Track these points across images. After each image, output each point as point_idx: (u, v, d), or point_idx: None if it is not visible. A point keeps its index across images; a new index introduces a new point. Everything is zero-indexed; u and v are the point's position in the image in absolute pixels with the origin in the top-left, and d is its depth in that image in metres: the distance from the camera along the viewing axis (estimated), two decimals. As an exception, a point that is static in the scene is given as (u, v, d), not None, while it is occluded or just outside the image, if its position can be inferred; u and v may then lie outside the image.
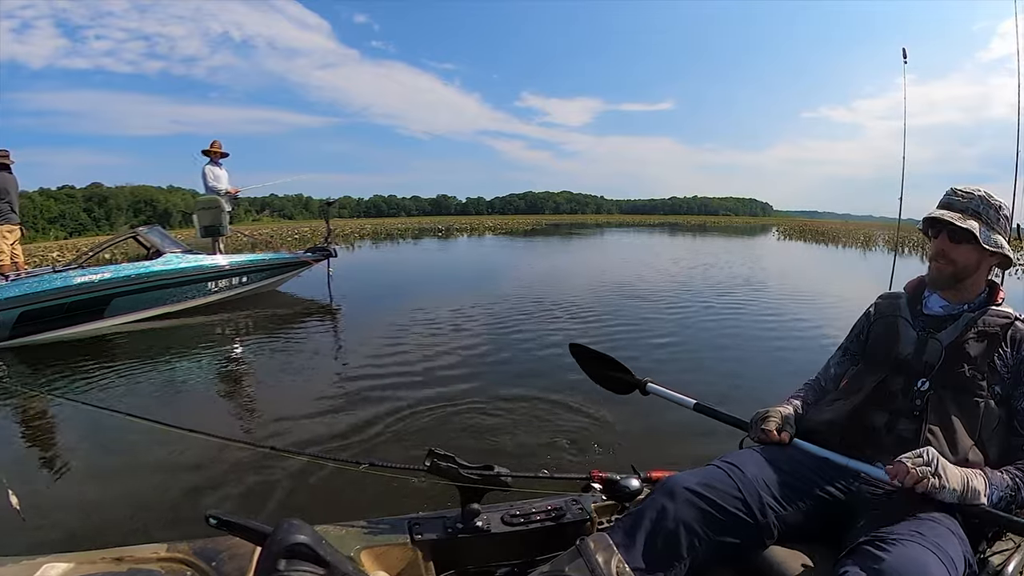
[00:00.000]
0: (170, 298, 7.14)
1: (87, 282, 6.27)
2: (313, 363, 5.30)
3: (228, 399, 4.42)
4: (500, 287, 10.30)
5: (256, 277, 8.29)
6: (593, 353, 2.08)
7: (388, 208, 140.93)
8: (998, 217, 1.37)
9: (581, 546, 1.09)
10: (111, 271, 6.64)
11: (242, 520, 0.94)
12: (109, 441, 3.35)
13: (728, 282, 10.93)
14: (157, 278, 6.92)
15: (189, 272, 7.29)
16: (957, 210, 1.37)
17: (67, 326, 6.10)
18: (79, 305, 6.19)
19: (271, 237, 13.93)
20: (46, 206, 56.29)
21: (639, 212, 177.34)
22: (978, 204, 1.37)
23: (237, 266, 7.97)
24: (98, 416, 3.66)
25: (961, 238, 1.35)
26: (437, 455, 1.33)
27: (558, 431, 3.46)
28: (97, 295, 6.36)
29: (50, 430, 3.72)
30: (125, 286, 6.59)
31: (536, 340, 5.89)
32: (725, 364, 5.13)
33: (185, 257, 7.40)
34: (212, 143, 8.43)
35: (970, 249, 1.35)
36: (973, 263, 1.36)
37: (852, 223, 70.74)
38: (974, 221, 1.34)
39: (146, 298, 6.85)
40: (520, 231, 39.26)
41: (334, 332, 6.93)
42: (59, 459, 3.25)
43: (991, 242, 1.34)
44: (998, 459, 1.25)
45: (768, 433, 1.42)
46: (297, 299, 8.89)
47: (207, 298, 7.62)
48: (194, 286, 7.41)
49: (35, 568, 1.01)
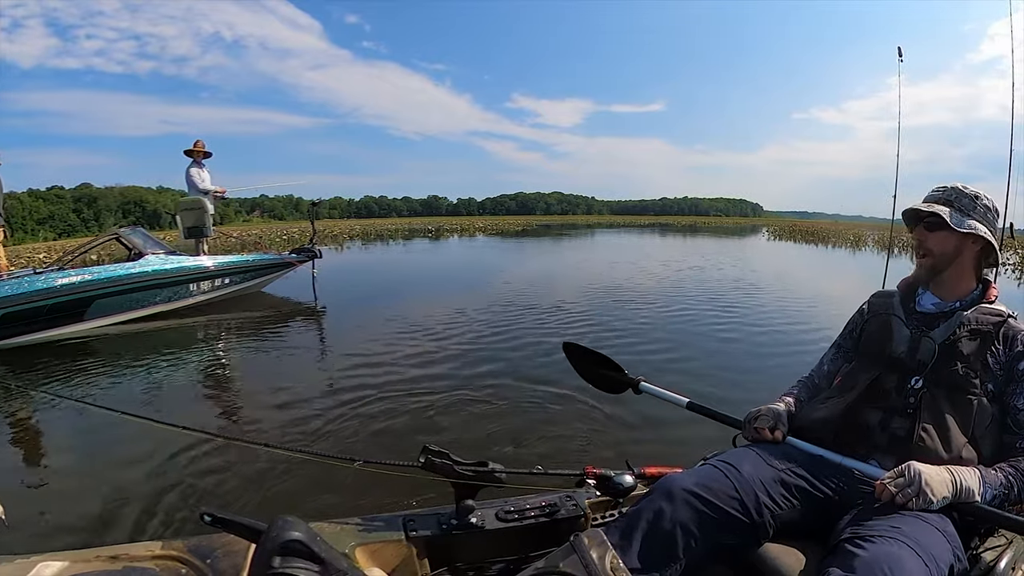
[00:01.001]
0: (151, 300, 7.03)
1: (68, 284, 6.17)
2: (301, 363, 5.26)
3: (217, 398, 4.38)
4: (490, 287, 10.28)
5: (240, 279, 8.19)
6: (587, 352, 2.09)
7: (379, 209, 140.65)
8: (974, 205, 1.39)
9: (575, 542, 1.09)
10: (92, 273, 6.52)
11: (237, 517, 0.94)
12: (100, 439, 3.32)
13: (718, 283, 10.96)
14: (138, 280, 6.80)
15: (170, 274, 7.17)
16: (930, 202, 1.42)
17: (48, 328, 6.00)
18: (60, 307, 6.08)
19: (259, 238, 13.86)
20: (35, 207, 55.84)
21: (629, 213, 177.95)
22: (950, 194, 1.41)
23: (220, 268, 7.85)
24: (87, 414, 3.66)
25: (934, 226, 1.39)
26: (431, 452, 1.33)
27: (552, 428, 3.46)
28: (78, 297, 6.25)
29: (39, 429, 3.66)
30: (106, 288, 6.48)
31: (528, 339, 5.87)
32: (717, 363, 5.14)
33: (167, 259, 7.29)
34: (195, 143, 8.31)
35: (945, 235, 1.38)
36: (951, 250, 1.39)
37: (842, 223, 71.16)
38: (943, 207, 1.38)
39: (127, 300, 6.74)
40: (511, 232, 39.26)
41: (320, 333, 6.88)
42: (50, 457, 3.23)
43: (963, 225, 1.36)
44: (992, 456, 1.27)
45: (761, 431, 1.43)
46: (282, 300, 8.80)
47: (190, 300, 7.51)
48: (175, 288, 7.29)
49: (30, 567, 1.00)
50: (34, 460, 3.23)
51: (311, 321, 7.61)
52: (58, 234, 51.07)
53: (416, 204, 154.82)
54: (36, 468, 3.11)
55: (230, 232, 15.22)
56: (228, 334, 6.60)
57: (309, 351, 5.76)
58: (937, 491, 1.13)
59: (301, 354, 5.59)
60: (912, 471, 1.15)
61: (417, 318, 7.08)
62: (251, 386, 4.59)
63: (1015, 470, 1.21)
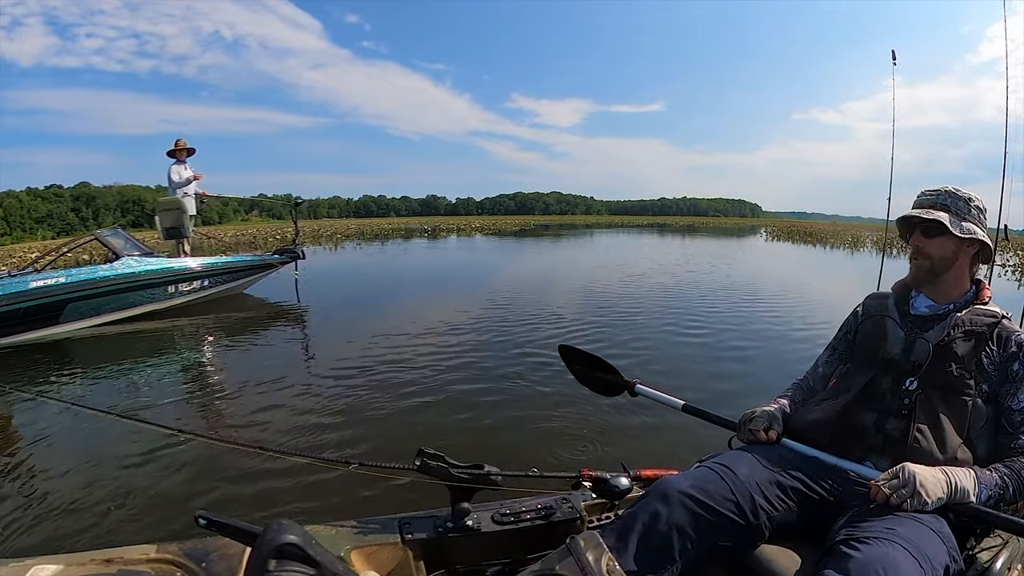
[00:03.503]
0: (126, 302, 6.91)
1: (42, 287, 6.10)
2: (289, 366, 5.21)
3: (207, 402, 4.33)
4: (484, 288, 10.29)
5: (219, 280, 8.06)
6: (583, 355, 2.09)
7: (378, 208, 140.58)
8: (968, 208, 1.40)
9: (571, 544, 1.10)
10: (66, 275, 6.43)
11: (232, 521, 0.94)
12: (91, 442, 3.31)
13: (715, 285, 11.01)
14: (112, 282, 6.70)
15: (145, 276, 7.05)
16: (926, 207, 1.42)
17: (23, 331, 5.92)
18: (34, 310, 6.01)
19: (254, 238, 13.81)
20: (33, 206, 55.74)
21: (628, 213, 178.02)
22: (945, 198, 1.41)
23: (198, 269, 7.74)
24: (77, 418, 3.62)
25: (933, 231, 1.39)
26: (427, 455, 1.33)
27: (548, 430, 3.47)
28: (52, 300, 6.17)
29: (29, 431, 3.60)
30: (80, 290, 6.40)
31: (523, 342, 5.87)
32: (712, 366, 5.15)
33: (143, 260, 7.17)
34: (176, 142, 8.23)
35: (944, 241, 1.38)
36: (950, 255, 1.39)
37: (840, 224, 71.25)
38: (942, 212, 1.38)
39: (102, 303, 6.65)
40: (508, 231, 39.24)
41: (306, 335, 6.86)
42: (42, 460, 3.19)
43: (962, 230, 1.37)
44: (987, 457, 1.27)
45: (756, 433, 1.43)
46: (265, 303, 8.69)
47: (167, 302, 7.40)
48: (151, 290, 7.17)
49: (24, 570, 1.00)
50: (26, 463, 3.18)
51: (295, 324, 7.55)
52: (56, 233, 50.92)
53: (415, 204, 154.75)
54: (27, 471, 3.08)
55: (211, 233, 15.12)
56: (212, 337, 6.53)
57: (296, 354, 5.76)
58: (932, 492, 1.13)
59: (289, 356, 5.58)
60: (907, 472, 1.15)
61: (409, 320, 7.05)
62: (239, 389, 4.55)
63: (1010, 470, 1.21)
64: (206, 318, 7.28)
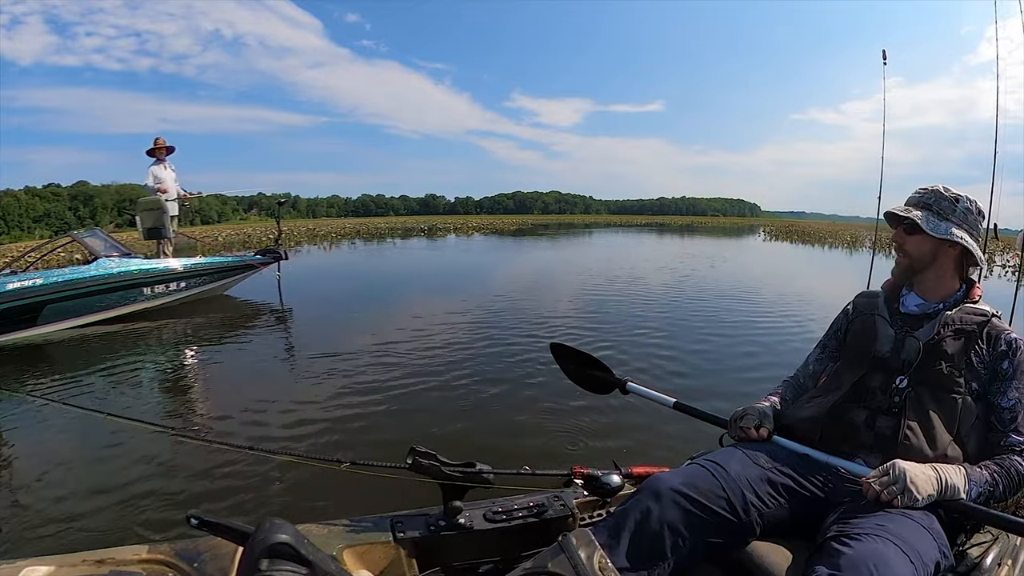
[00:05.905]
0: (105, 303, 6.86)
1: (19, 288, 6.07)
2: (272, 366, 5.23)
3: (195, 402, 4.33)
4: (477, 286, 10.31)
5: (198, 282, 7.98)
6: (575, 353, 2.09)
7: (376, 207, 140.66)
8: (953, 209, 1.40)
9: (564, 542, 1.10)
10: (43, 277, 6.41)
11: (224, 520, 0.94)
12: (81, 442, 3.31)
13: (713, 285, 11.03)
14: (89, 284, 6.66)
15: (124, 277, 7.00)
16: (910, 205, 1.44)
17: (1, 333, 5.91)
18: (11, 312, 5.98)
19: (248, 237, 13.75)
20: (31, 205, 55.70)
21: (627, 212, 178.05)
22: (929, 197, 1.42)
23: (179, 270, 7.68)
24: (65, 417, 3.60)
25: (912, 229, 1.40)
26: (419, 453, 1.33)
27: (539, 428, 3.48)
28: (29, 301, 6.15)
29: (18, 432, 3.58)
30: (57, 292, 6.36)
31: (514, 339, 5.87)
32: (705, 364, 5.17)
33: (120, 262, 7.10)
34: (155, 140, 8.13)
35: (921, 239, 1.39)
36: (927, 253, 1.40)
37: (839, 224, 71.25)
38: (919, 211, 1.40)
39: (80, 304, 6.60)
40: (506, 231, 39.21)
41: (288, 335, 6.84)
42: (33, 461, 3.18)
43: (939, 230, 1.37)
44: (977, 454, 1.28)
45: (747, 430, 1.43)
46: (248, 304, 8.64)
47: (146, 303, 7.33)
48: (130, 291, 7.11)
49: (16, 571, 1.00)
50: (14, 465, 3.17)
51: (277, 324, 7.51)
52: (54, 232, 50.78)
53: (413, 203, 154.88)
54: (16, 473, 3.06)
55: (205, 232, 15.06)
56: (195, 337, 6.51)
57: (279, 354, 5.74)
58: (922, 489, 1.14)
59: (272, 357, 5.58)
60: (897, 469, 1.16)
61: (396, 321, 6.99)
62: (224, 389, 4.54)
63: (1000, 467, 1.22)
64: (188, 319, 7.25)
